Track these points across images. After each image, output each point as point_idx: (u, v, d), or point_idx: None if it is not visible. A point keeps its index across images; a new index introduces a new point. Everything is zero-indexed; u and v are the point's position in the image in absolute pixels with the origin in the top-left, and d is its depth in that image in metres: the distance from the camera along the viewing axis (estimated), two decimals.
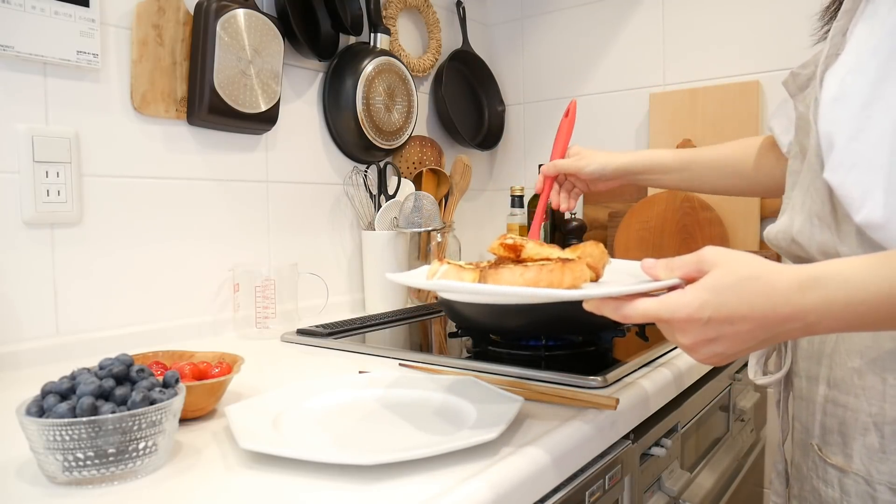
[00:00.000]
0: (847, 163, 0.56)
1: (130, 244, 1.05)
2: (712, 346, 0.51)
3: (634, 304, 0.52)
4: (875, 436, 0.58)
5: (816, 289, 0.48)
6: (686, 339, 0.51)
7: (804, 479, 0.68)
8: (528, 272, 0.56)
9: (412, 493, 0.50)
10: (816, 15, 0.71)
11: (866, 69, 0.56)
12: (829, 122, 0.58)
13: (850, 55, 0.59)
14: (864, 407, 0.59)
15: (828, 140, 0.58)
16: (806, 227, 0.63)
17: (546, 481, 0.59)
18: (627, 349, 0.91)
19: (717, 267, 0.50)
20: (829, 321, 0.49)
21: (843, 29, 0.62)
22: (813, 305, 0.48)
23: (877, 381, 0.58)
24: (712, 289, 0.49)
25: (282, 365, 0.94)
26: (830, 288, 0.48)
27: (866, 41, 0.58)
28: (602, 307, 0.54)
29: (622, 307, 0.52)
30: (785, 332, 0.50)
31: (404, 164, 1.56)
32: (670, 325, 0.52)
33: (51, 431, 0.50)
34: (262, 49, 1.17)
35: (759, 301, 0.48)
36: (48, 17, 0.92)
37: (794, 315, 0.48)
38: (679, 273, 0.53)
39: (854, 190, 0.56)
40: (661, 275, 0.54)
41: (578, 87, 1.75)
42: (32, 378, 0.85)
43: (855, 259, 0.50)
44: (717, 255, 0.51)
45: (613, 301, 0.53)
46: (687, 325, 0.50)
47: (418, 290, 1.50)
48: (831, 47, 0.62)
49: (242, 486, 0.52)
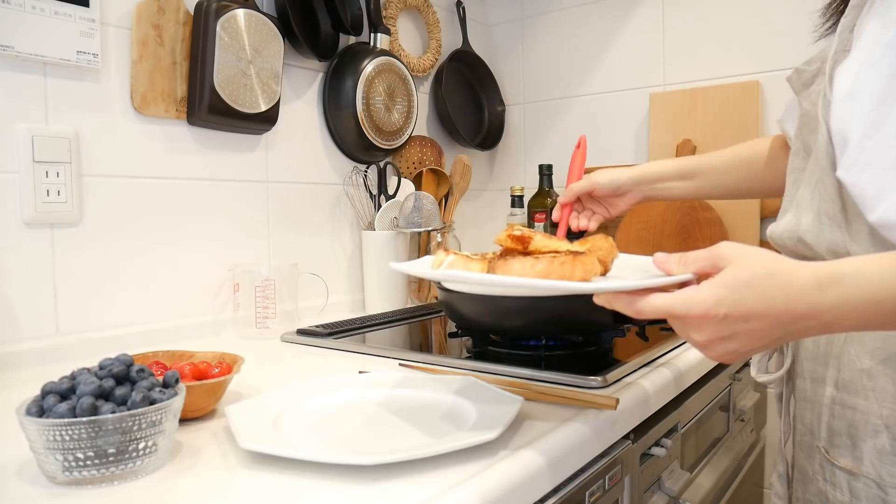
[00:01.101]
0: (861, 161, 0.55)
1: (130, 244, 1.05)
2: (727, 344, 0.50)
3: (648, 299, 0.51)
4: (886, 438, 0.57)
5: (835, 287, 0.47)
6: (701, 337, 0.50)
7: (809, 481, 0.67)
8: (538, 264, 0.55)
9: (412, 493, 0.50)
10: (818, 12, 0.70)
11: (880, 65, 0.55)
12: (841, 120, 0.57)
13: (863, 51, 0.58)
14: (874, 409, 0.58)
15: (841, 137, 0.57)
16: (814, 225, 0.61)
17: (546, 481, 0.59)
18: (627, 349, 0.91)
19: (734, 263, 0.49)
20: (846, 320, 0.48)
21: (851, 25, 0.60)
22: (831, 304, 0.47)
23: (888, 382, 0.58)
24: (729, 285, 0.48)
25: (282, 365, 0.94)
26: (850, 286, 0.47)
27: (879, 37, 0.56)
28: (614, 301, 0.53)
29: (635, 302, 0.51)
30: (801, 329, 0.49)
31: (404, 164, 1.56)
32: (684, 322, 0.50)
33: (51, 431, 0.50)
34: (262, 49, 1.17)
35: (777, 298, 0.47)
36: (48, 17, 0.92)
37: (810, 313, 0.47)
38: (693, 268, 0.52)
39: (868, 189, 0.55)
40: (673, 269, 0.53)
41: (578, 87, 1.75)
42: (32, 378, 0.85)
43: (875, 257, 0.48)
44: (734, 250, 0.50)
45: (626, 296, 0.52)
46: (702, 322, 0.49)
47: (418, 290, 1.50)
48: (840, 43, 0.61)
49: (242, 486, 0.52)
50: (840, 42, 0.61)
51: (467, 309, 0.92)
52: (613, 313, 0.86)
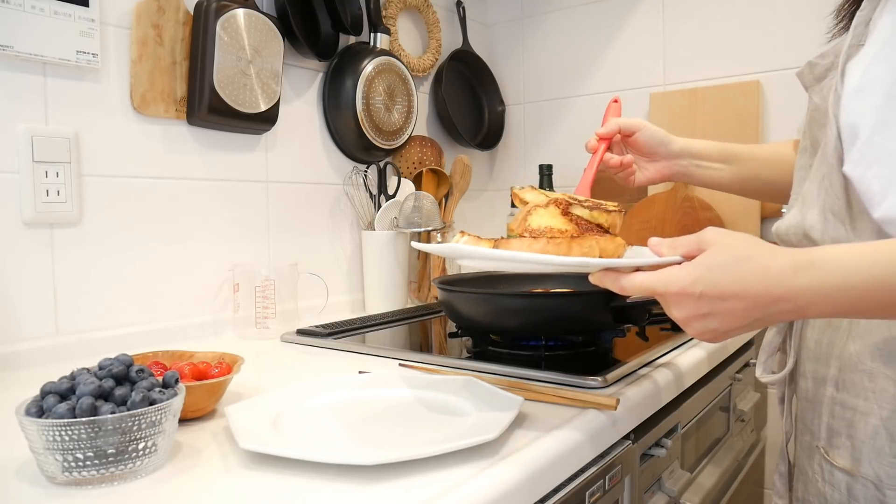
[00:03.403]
0: (869, 156, 0.55)
1: (130, 244, 1.05)
2: (706, 322, 0.53)
3: (631, 277, 0.55)
4: (885, 439, 0.57)
5: (810, 271, 0.49)
6: (679, 313, 0.54)
7: (809, 481, 0.66)
8: (535, 243, 0.59)
9: (412, 493, 0.50)
10: (831, 14, 0.69)
11: (890, 60, 0.55)
12: (851, 114, 0.57)
13: (875, 45, 0.57)
14: (874, 410, 0.58)
15: (850, 132, 0.57)
16: (819, 222, 0.61)
17: (546, 481, 0.59)
18: (627, 349, 0.91)
19: (715, 246, 0.52)
20: (820, 305, 0.50)
21: (867, 19, 0.60)
22: (805, 288, 0.49)
23: (888, 383, 0.57)
24: (707, 266, 0.51)
25: (282, 365, 0.94)
26: (824, 271, 0.49)
27: (891, 31, 0.56)
28: (604, 279, 0.57)
29: (620, 279, 0.55)
30: (777, 312, 0.51)
31: (404, 164, 1.56)
32: (665, 299, 0.54)
33: (50, 432, 0.50)
34: (262, 49, 1.17)
35: (754, 280, 0.50)
36: (48, 17, 0.92)
37: (786, 296, 0.50)
38: (681, 251, 0.54)
39: (874, 184, 0.55)
40: (664, 252, 0.56)
41: (578, 86, 1.75)
42: (32, 378, 0.85)
43: (851, 245, 0.50)
44: (716, 234, 0.53)
45: (613, 273, 0.56)
46: (680, 298, 0.52)
47: (418, 290, 1.50)
48: (854, 37, 0.60)
49: (242, 486, 0.52)
50: (854, 36, 0.60)
51: (467, 309, 0.92)
52: (613, 314, 0.86)
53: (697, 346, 0.97)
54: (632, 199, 1.62)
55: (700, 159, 0.89)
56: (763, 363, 0.73)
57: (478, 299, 0.90)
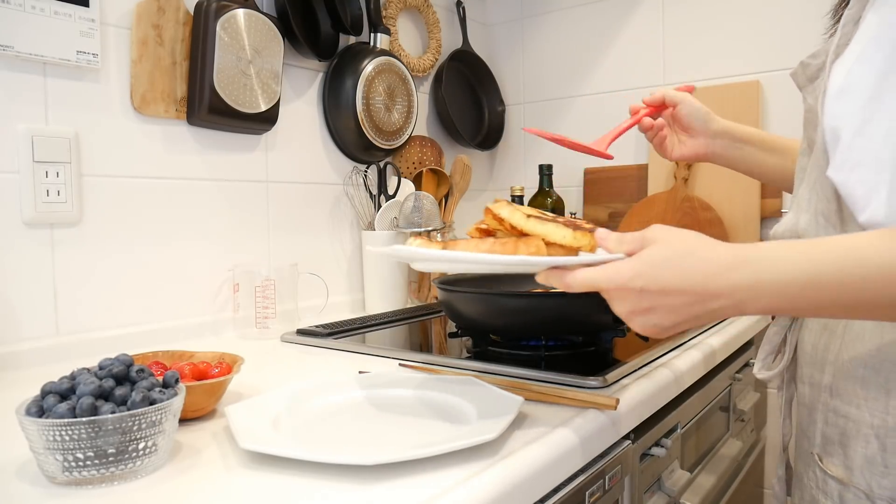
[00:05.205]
0: (851, 160, 0.54)
1: (130, 244, 1.05)
2: (648, 317, 0.53)
3: (575, 274, 0.55)
4: (877, 448, 0.56)
5: (746, 267, 0.50)
6: (622, 308, 0.54)
7: (804, 488, 0.66)
8: (482, 244, 0.59)
9: (412, 493, 0.50)
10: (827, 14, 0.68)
11: (873, 60, 0.53)
12: (833, 117, 0.56)
13: (859, 44, 0.56)
14: (866, 418, 0.57)
15: (833, 135, 0.56)
16: (811, 225, 0.61)
17: (546, 481, 0.59)
18: (627, 349, 0.91)
19: (657, 242, 0.53)
20: (756, 301, 0.50)
21: (856, 17, 0.59)
22: (741, 283, 0.50)
23: (880, 392, 0.56)
24: (648, 261, 0.52)
25: (282, 365, 0.94)
26: (760, 268, 0.49)
27: (875, 30, 0.55)
28: (549, 277, 0.57)
29: (565, 276, 0.56)
30: (717, 308, 0.51)
31: (404, 164, 1.56)
32: (608, 294, 0.55)
33: (51, 431, 0.50)
34: (262, 49, 1.17)
35: (694, 275, 0.51)
36: (48, 17, 0.92)
37: (723, 291, 0.50)
38: (626, 248, 0.55)
39: (858, 189, 0.54)
40: (611, 245, 0.57)
41: (578, 86, 1.75)
42: (32, 378, 0.85)
43: (789, 242, 0.51)
44: (661, 231, 0.53)
45: (558, 271, 0.56)
46: (622, 293, 0.53)
47: (418, 290, 1.50)
48: (842, 36, 0.59)
49: (242, 486, 0.52)
50: (843, 35, 0.59)
51: (467, 309, 0.92)
52: (613, 314, 0.85)
53: (697, 347, 0.97)
54: (631, 200, 1.62)
55: (743, 143, 0.88)
56: (762, 360, 0.73)
57: (478, 299, 0.90)
